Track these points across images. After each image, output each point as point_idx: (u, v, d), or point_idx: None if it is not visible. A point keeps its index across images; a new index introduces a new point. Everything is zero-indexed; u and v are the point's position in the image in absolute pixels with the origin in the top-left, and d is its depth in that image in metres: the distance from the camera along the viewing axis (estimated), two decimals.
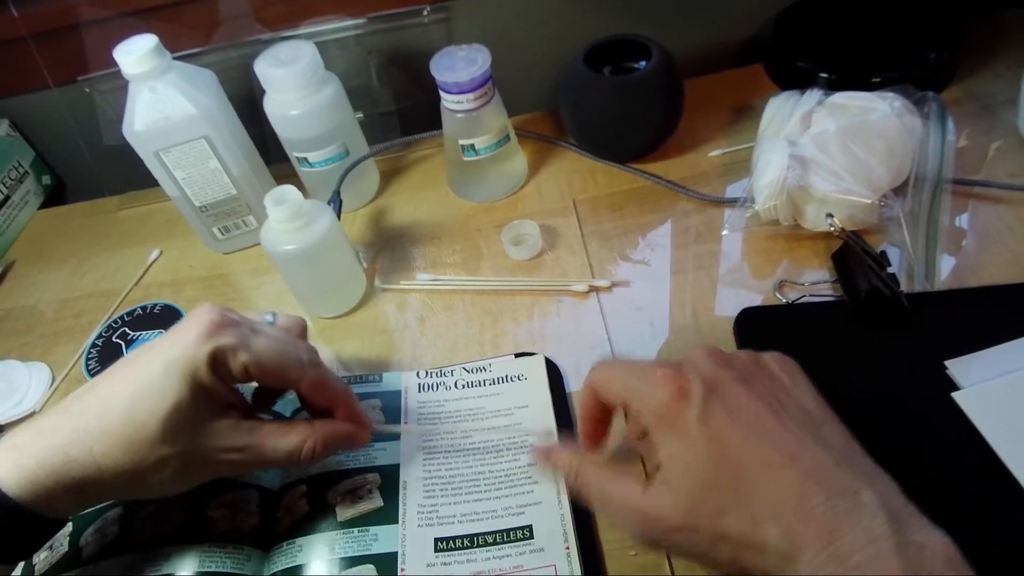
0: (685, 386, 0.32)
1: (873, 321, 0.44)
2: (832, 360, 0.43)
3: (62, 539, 0.42)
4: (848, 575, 0.27)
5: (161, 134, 0.51)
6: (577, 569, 0.37)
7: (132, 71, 0.49)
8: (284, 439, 0.37)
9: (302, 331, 0.42)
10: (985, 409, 0.38)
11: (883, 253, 0.46)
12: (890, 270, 0.44)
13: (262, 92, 0.55)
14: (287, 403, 0.47)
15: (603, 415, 0.38)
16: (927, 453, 0.38)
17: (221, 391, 0.36)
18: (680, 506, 0.31)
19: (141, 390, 0.34)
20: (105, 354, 0.54)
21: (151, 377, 0.34)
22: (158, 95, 0.50)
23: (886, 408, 0.40)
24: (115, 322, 0.57)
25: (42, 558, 0.41)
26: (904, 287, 0.45)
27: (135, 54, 0.48)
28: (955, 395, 0.39)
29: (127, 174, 0.69)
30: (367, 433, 0.40)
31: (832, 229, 0.47)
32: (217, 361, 0.35)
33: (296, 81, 0.52)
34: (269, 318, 0.41)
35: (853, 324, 0.44)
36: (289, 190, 0.46)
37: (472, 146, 0.55)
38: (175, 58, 0.51)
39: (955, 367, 0.41)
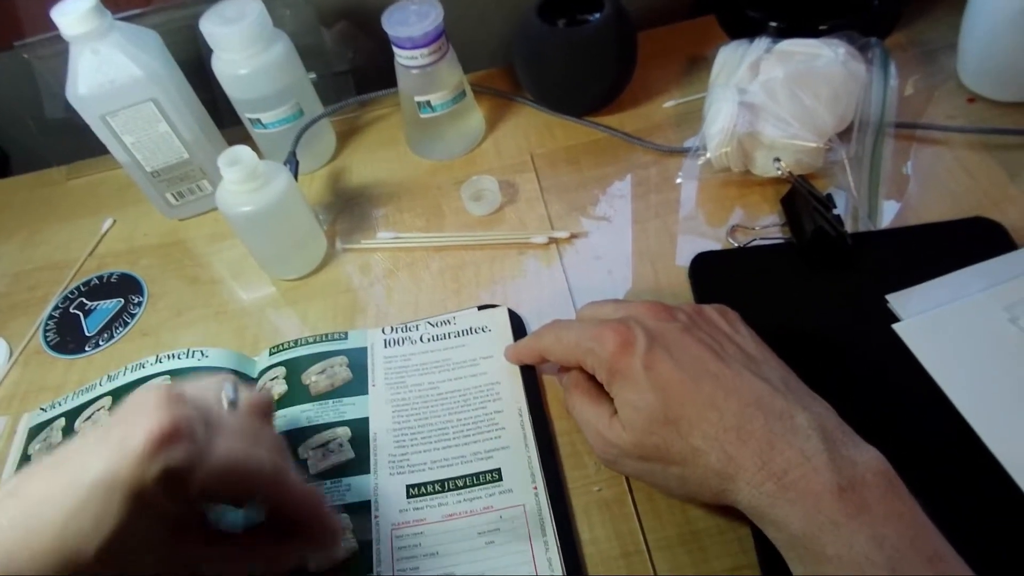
0: (629, 337, 0.35)
1: (819, 260, 0.45)
2: (781, 299, 0.45)
3: None
4: (784, 489, 0.29)
5: (106, 97, 0.50)
6: (545, 506, 0.38)
7: (72, 32, 0.47)
8: (243, 561, 0.33)
9: (267, 410, 0.37)
10: (923, 338, 0.41)
11: (829, 196, 0.47)
12: (835, 212, 0.46)
13: (210, 53, 0.54)
14: (251, 363, 0.47)
15: (537, 364, 0.44)
16: (869, 382, 0.40)
17: (172, 511, 0.30)
18: (632, 441, 0.34)
19: (78, 513, 0.28)
20: (63, 325, 0.54)
21: (87, 497, 0.28)
22: (101, 57, 0.48)
23: (832, 341, 0.42)
24: (71, 293, 0.56)
25: None
26: (849, 227, 0.47)
27: (73, 14, 0.46)
28: (896, 327, 0.42)
29: (74, 143, 0.67)
30: (334, 540, 0.35)
31: (780, 173, 0.49)
32: (168, 481, 0.28)
33: (243, 39, 0.51)
34: (229, 392, 0.34)
35: (801, 264, 0.46)
36: (243, 151, 0.46)
37: (428, 103, 0.55)
38: (116, 19, 0.50)
39: (896, 300, 0.43)
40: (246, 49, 0.51)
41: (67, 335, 0.53)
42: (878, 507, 0.29)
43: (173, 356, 0.46)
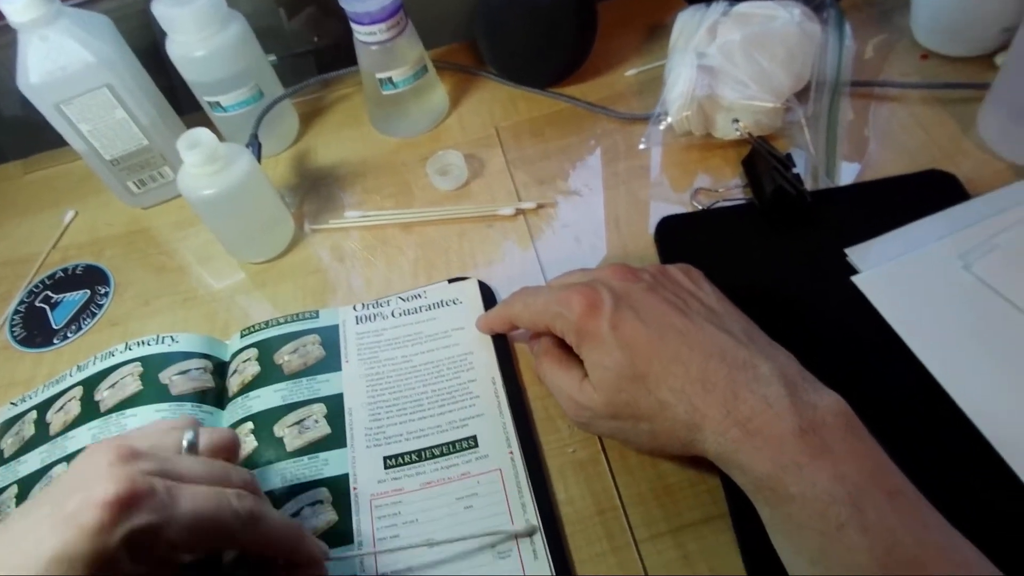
0: (596, 300, 0.35)
1: (780, 219, 0.46)
2: (744, 257, 0.46)
3: (8, 501, 0.42)
4: (748, 435, 0.30)
5: (59, 85, 0.49)
6: (521, 469, 0.39)
7: (18, 19, 0.46)
8: None
9: (232, 448, 0.35)
10: (881, 289, 0.42)
11: (788, 155, 0.48)
12: (795, 171, 0.47)
13: (163, 37, 0.53)
14: (223, 347, 0.47)
15: (508, 331, 0.44)
16: (831, 333, 0.41)
17: (141, 572, 0.28)
18: (601, 400, 0.35)
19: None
20: (29, 319, 0.53)
21: (45, 573, 0.26)
22: (50, 44, 0.47)
23: (794, 296, 0.43)
24: (36, 287, 0.55)
25: None
26: (808, 186, 0.48)
27: (19, 0, 0.45)
28: (855, 279, 0.43)
29: (29, 137, 0.66)
30: (319, 568, 0.34)
31: (740, 135, 0.49)
32: (135, 544, 0.27)
33: (197, 20, 0.50)
34: (189, 437, 0.32)
35: (762, 223, 0.47)
36: (202, 132, 0.45)
37: (390, 79, 0.55)
38: (66, 5, 0.49)
39: (854, 254, 0.44)
40: (201, 31, 0.50)
41: (34, 329, 0.52)
42: (839, 447, 0.30)
43: (143, 343, 0.46)
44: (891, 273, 0.42)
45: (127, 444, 0.29)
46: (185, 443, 0.32)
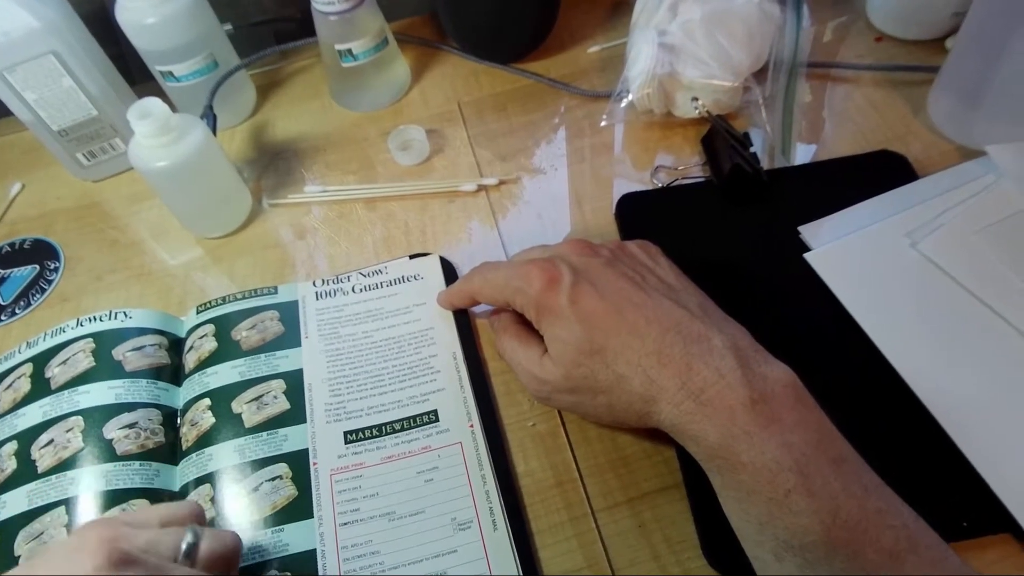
0: (555, 275, 0.36)
1: (737, 197, 0.47)
2: (702, 234, 0.46)
3: None
4: (701, 406, 0.31)
5: (2, 52, 0.47)
6: (482, 443, 0.39)
7: None
8: None
9: (234, 557, 0.33)
10: (831, 266, 0.43)
11: (746, 134, 0.49)
12: (752, 150, 0.48)
13: (111, 2, 0.51)
14: (178, 323, 0.46)
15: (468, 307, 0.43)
16: (784, 308, 0.42)
17: None
18: (560, 374, 0.35)
19: None
20: None
21: None
22: None
23: (749, 272, 0.44)
24: None
25: None
26: (765, 164, 0.49)
27: None
28: (807, 256, 0.44)
29: None
30: None
31: (698, 113, 0.50)
32: None
33: None
34: (189, 540, 0.30)
35: (720, 201, 0.48)
36: (153, 102, 0.44)
37: (350, 51, 0.54)
38: None
39: (807, 231, 0.45)
40: None
41: None
42: (787, 416, 0.31)
43: (95, 319, 0.45)
44: (841, 250, 0.44)
45: (120, 547, 0.27)
46: (184, 547, 0.30)
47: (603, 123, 0.53)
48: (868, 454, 0.31)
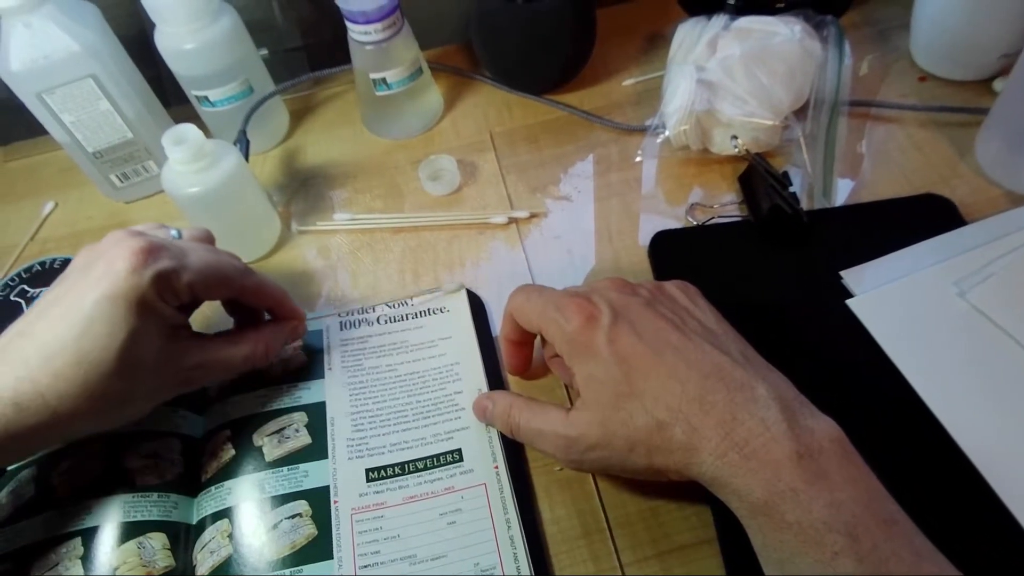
0: (594, 313, 0.34)
1: (776, 238, 0.46)
2: (739, 276, 0.45)
3: None
4: (745, 459, 0.30)
5: (42, 74, 0.47)
6: (507, 486, 0.38)
7: (1, 5, 0.44)
8: (237, 348, 0.39)
9: (211, 240, 0.42)
10: (875, 313, 0.42)
11: (785, 173, 0.48)
12: (791, 189, 0.46)
13: (152, 27, 0.52)
14: None
15: (525, 338, 0.40)
16: (825, 356, 0.41)
17: (168, 315, 0.36)
18: (596, 421, 0.33)
19: (90, 329, 0.33)
20: (3, 313, 0.51)
21: (96, 315, 0.33)
22: (34, 31, 0.46)
23: (788, 317, 0.42)
24: (12, 280, 0.53)
25: None
26: (804, 205, 0.47)
27: None
28: (849, 302, 0.42)
29: (11, 123, 0.64)
30: (304, 324, 0.43)
31: (737, 151, 0.49)
32: (162, 286, 0.34)
33: (187, 11, 0.49)
34: (175, 233, 0.40)
35: (758, 242, 0.46)
36: (188, 128, 0.44)
37: (384, 80, 0.54)
38: None
39: (849, 276, 0.43)
40: (191, 22, 0.49)
41: (8, 324, 0.50)
42: (835, 474, 0.29)
43: None
44: (886, 297, 0.42)
45: (148, 238, 0.35)
46: (174, 234, 0.40)
47: (637, 159, 0.53)
48: (913, 513, 0.29)
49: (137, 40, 0.56)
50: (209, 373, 0.39)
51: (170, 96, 0.59)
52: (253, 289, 0.40)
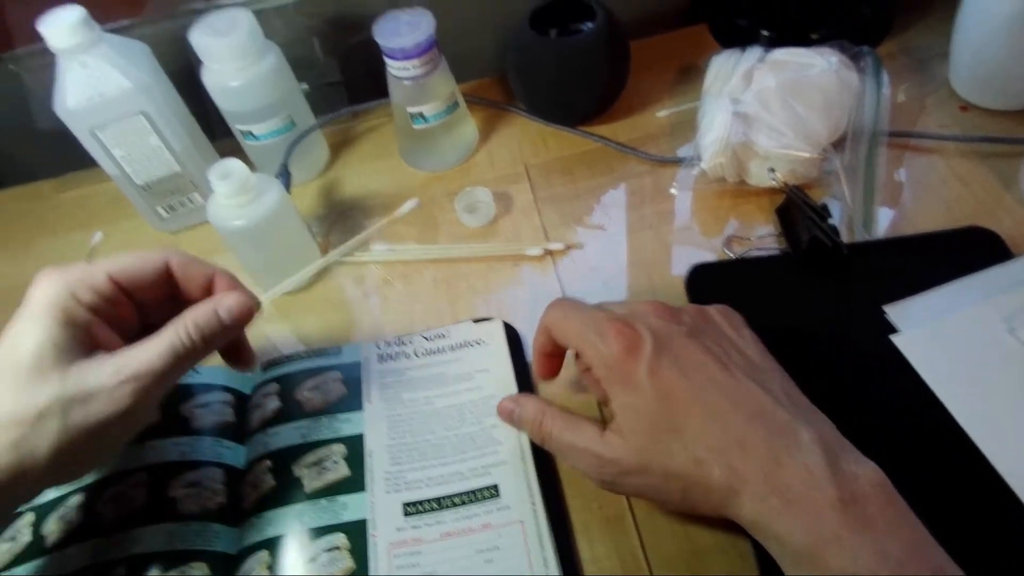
0: (636, 341, 0.34)
1: (815, 270, 0.45)
2: (778, 309, 0.45)
3: (23, 528, 0.41)
4: (788, 504, 0.29)
5: (95, 111, 0.49)
6: (544, 523, 0.38)
7: (59, 45, 0.46)
8: (154, 341, 0.34)
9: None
10: (921, 350, 0.41)
11: (824, 205, 0.47)
12: (831, 221, 0.46)
13: (199, 65, 0.53)
14: (245, 379, 0.47)
15: (557, 350, 0.40)
16: (868, 392, 0.40)
17: (90, 323, 0.34)
18: (632, 450, 0.33)
19: (9, 339, 0.33)
20: None
21: (17, 330, 0.33)
22: (89, 70, 0.48)
23: (829, 352, 0.42)
24: None
25: (3, 549, 0.41)
26: (844, 237, 0.47)
27: (60, 26, 0.46)
28: (893, 338, 0.41)
29: (63, 156, 0.66)
30: (246, 299, 0.38)
31: (774, 183, 0.48)
32: (78, 287, 0.34)
33: (234, 51, 0.50)
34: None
35: (797, 274, 0.46)
36: (234, 163, 0.45)
37: (421, 114, 0.55)
38: (105, 31, 0.49)
39: (893, 311, 0.43)
40: (237, 61, 0.51)
41: None
42: (880, 520, 0.29)
43: None
44: (932, 334, 0.41)
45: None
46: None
47: (673, 191, 0.53)
48: (959, 555, 0.28)
49: (184, 76, 0.58)
50: (133, 386, 0.33)
51: (215, 129, 0.60)
52: (182, 264, 0.38)
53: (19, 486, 0.32)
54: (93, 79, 0.48)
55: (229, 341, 0.39)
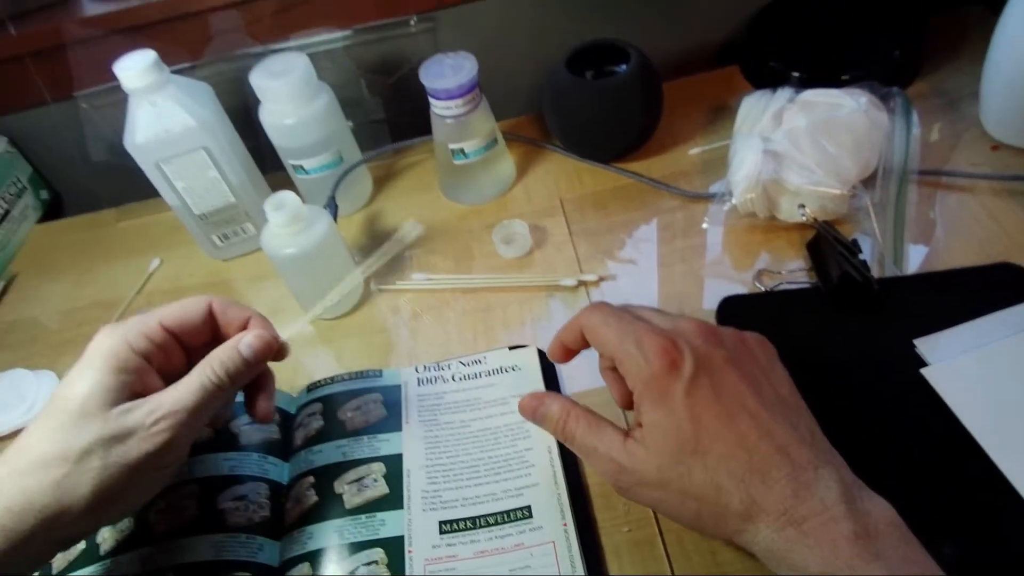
0: (677, 360, 0.34)
1: (846, 305, 0.46)
2: (809, 343, 0.45)
3: None
4: (803, 535, 0.30)
5: (162, 146, 0.53)
6: (575, 544, 0.39)
7: (132, 85, 0.50)
8: (185, 380, 0.37)
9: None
10: (952, 383, 0.41)
11: (854, 241, 0.48)
12: (861, 257, 0.47)
13: (256, 103, 0.57)
14: (290, 400, 0.49)
15: (581, 347, 0.40)
16: (899, 425, 0.40)
17: (141, 370, 0.37)
18: (653, 465, 0.33)
19: (64, 385, 0.36)
20: None
21: (72, 376, 0.36)
22: (158, 108, 0.52)
23: (859, 385, 0.42)
24: None
25: (58, 557, 0.43)
26: (875, 273, 0.47)
27: (135, 69, 0.50)
28: (924, 371, 0.42)
29: (124, 186, 0.71)
30: (272, 338, 0.41)
31: (805, 219, 0.50)
32: (133, 336, 0.37)
33: (290, 92, 0.54)
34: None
35: (827, 309, 0.47)
36: (287, 195, 0.48)
37: (462, 150, 0.58)
38: (171, 72, 0.53)
39: (923, 345, 0.43)
40: (293, 101, 0.54)
41: None
42: (892, 554, 0.29)
43: None
44: (963, 367, 0.42)
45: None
46: None
47: (705, 225, 0.54)
48: None
49: (240, 112, 0.62)
50: (171, 421, 0.35)
51: (266, 163, 0.64)
52: (222, 305, 0.41)
53: (58, 525, 0.34)
54: (161, 117, 0.52)
55: (254, 386, 0.41)
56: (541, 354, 0.49)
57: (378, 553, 0.40)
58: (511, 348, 0.49)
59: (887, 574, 0.29)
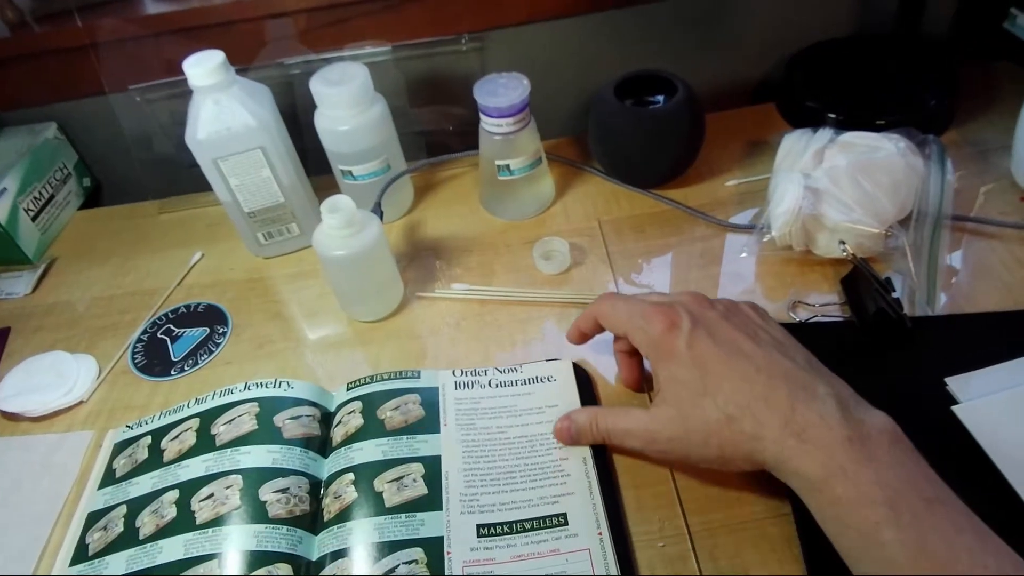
0: (675, 320, 0.40)
1: (880, 341, 0.47)
2: (842, 376, 0.46)
3: (116, 519, 0.44)
4: (802, 443, 0.35)
5: (221, 143, 0.54)
6: (610, 552, 0.40)
7: (199, 83, 0.52)
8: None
9: None
10: (982, 421, 0.42)
11: (888, 279, 0.50)
12: (895, 295, 0.48)
13: (305, 108, 0.59)
14: (329, 397, 0.50)
15: (594, 332, 0.47)
16: (929, 460, 0.41)
17: None
18: (676, 416, 0.39)
19: None
20: (150, 349, 0.57)
21: None
22: (221, 107, 0.53)
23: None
24: (159, 319, 0.60)
25: (96, 537, 0.44)
26: (907, 311, 0.49)
27: (204, 67, 0.51)
28: (955, 408, 0.43)
29: (167, 179, 0.72)
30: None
31: (845, 255, 0.51)
32: None
33: (349, 99, 0.56)
34: None
35: (861, 344, 0.48)
36: (343, 199, 0.50)
37: (507, 166, 0.59)
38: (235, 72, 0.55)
39: (955, 383, 0.44)
40: (350, 108, 0.56)
41: (154, 358, 0.56)
42: (882, 456, 0.34)
43: (261, 384, 0.49)
44: (994, 406, 0.43)
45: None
46: None
47: (743, 255, 0.56)
48: None
49: (288, 115, 0.63)
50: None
51: (309, 167, 0.66)
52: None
53: None
54: (223, 115, 0.54)
55: None
56: (576, 367, 0.50)
57: (418, 552, 0.40)
58: (548, 360, 0.51)
59: (876, 474, 0.33)
